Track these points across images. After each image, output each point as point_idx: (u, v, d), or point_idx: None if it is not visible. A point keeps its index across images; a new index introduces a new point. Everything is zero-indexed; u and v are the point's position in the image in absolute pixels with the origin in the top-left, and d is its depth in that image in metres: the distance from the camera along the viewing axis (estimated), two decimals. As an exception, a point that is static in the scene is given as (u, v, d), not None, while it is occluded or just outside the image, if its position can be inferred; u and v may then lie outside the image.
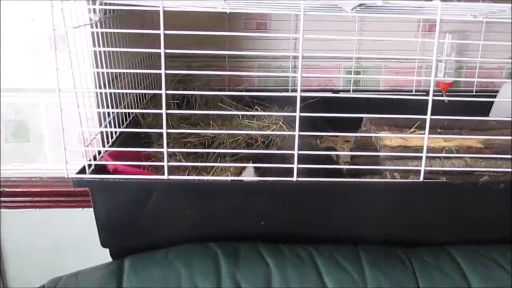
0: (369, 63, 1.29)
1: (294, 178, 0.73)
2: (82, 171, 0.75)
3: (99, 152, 0.80)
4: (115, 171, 0.77)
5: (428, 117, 0.73)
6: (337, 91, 1.27)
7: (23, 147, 0.95)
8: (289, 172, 0.73)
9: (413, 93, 1.28)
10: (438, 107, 0.74)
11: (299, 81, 0.70)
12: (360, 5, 0.72)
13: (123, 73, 0.93)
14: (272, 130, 1.07)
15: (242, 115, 1.10)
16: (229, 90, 1.25)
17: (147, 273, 0.70)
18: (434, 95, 0.71)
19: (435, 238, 0.81)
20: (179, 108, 1.13)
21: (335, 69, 1.29)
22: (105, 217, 0.77)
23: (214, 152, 0.98)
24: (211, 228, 0.79)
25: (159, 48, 0.68)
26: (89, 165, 0.76)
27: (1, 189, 0.96)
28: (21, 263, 1.05)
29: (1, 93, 0.93)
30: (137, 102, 1.02)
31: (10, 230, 1.02)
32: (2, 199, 0.98)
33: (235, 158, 1.03)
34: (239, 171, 0.87)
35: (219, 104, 1.14)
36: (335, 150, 1.09)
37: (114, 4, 0.79)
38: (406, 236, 0.81)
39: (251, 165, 0.81)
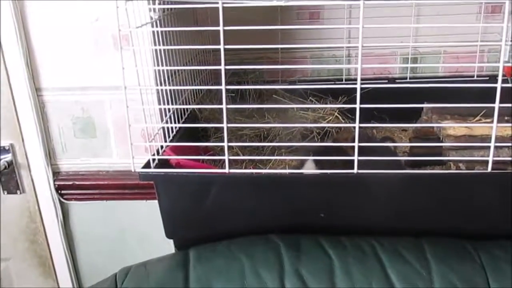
0: (427, 49, 1.24)
1: (355, 171, 0.72)
2: (147, 165, 0.79)
3: (161, 147, 0.83)
4: (178, 165, 0.80)
5: (496, 105, 0.69)
6: (394, 79, 1.24)
7: (90, 143, 1.01)
8: (346, 164, 0.72)
9: (475, 78, 1.22)
10: (504, 93, 0.70)
11: (359, 73, 0.69)
12: (422, -9, 0.70)
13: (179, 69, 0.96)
14: (328, 121, 1.06)
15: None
16: (282, 81, 1.25)
17: (212, 264, 0.73)
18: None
19: (504, 231, 0.78)
20: (234, 100, 1.14)
21: (391, 55, 1.25)
22: (170, 209, 0.81)
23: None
24: (271, 220, 0.80)
25: (215, 43, 0.69)
26: (153, 160, 0.79)
27: (72, 182, 1.02)
28: (90, 251, 1.11)
29: (65, 92, 0.98)
30: (194, 96, 1.05)
31: (80, 221, 1.08)
32: (73, 191, 1.04)
33: (291, 150, 1.03)
34: (298, 164, 0.87)
35: (273, 96, 1.14)
36: (392, 140, 1.07)
37: (173, 2, 0.81)
38: (472, 229, 0.78)
39: (311, 157, 0.81)
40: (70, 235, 1.09)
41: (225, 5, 0.68)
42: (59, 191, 1.04)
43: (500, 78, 0.68)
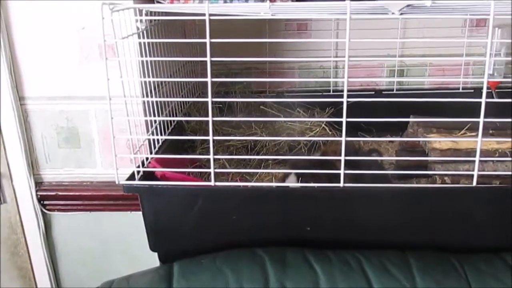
0: (413, 61, 1.26)
1: (341, 184, 0.72)
2: (132, 177, 0.77)
3: (147, 158, 0.82)
4: (163, 177, 0.79)
5: (481, 120, 0.70)
6: (380, 91, 1.25)
7: (74, 153, 0.99)
8: (331, 177, 0.72)
9: (460, 91, 1.23)
10: (488, 107, 0.71)
11: (345, 86, 0.69)
12: (408, 5, 0.70)
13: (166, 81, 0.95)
14: (315, 133, 1.06)
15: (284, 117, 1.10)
16: (270, 92, 1.25)
17: (196, 278, 0.72)
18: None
19: (489, 245, 0.79)
20: (221, 110, 1.14)
21: (378, 68, 1.26)
22: (154, 222, 0.79)
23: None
24: (257, 233, 0.79)
25: (202, 53, 0.69)
26: (138, 172, 0.78)
27: (55, 193, 1.01)
28: (73, 263, 1.09)
29: (49, 101, 0.97)
30: (181, 107, 1.04)
31: (63, 232, 1.06)
32: (56, 202, 1.02)
33: (278, 161, 1.03)
34: (283, 176, 0.87)
35: (261, 106, 1.14)
36: (378, 152, 1.07)
37: (160, 14, 0.81)
38: (458, 242, 0.79)
39: (294, 171, 0.81)
40: (52, 246, 1.07)
41: (212, 17, 0.68)
42: (42, 202, 1.02)
43: (484, 94, 0.68)
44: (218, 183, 0.74)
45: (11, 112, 0.96)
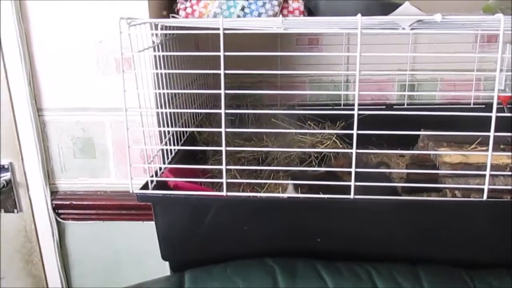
0: (424, 76, 1.26)
1: (351, 196, 0.73)
2: (145, 186, 0.79)
3: (160, 168, 0.84)
4: (176, 187, 0.80)
5: (491, 134, 0.70)
6: (391, 105, 1.26)
7: (89, 163, 1.01)
8: (341, 188, 0.73)
9: (472, 106, 1.23)
10: (499, 122, 0.71)
11: (356, 99, 0.70)
12: (418, 21, 0.72)
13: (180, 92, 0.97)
14: (326, 146, 1.07)
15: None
16: (281, 105, 1.26)
17: (207, 287, 0.72)
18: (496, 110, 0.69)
19: (500, 260, 0.78)
20: (233, 123, 1.16)
21: (389, 82, 1.27)
22: (166, 231, 0.81)
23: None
24: (268, 244, 0.80)
25: (215, 66, 0.71)
26: (151, 181, 0.80)
27: (70, 202, 1.03)
28: (85, 271, 1.11)
29: (66, 112, 0.99)
30: (193, 119, 1.06)
31: (76, 241, 1.08)
32: (70, 211, 1.04)
33: (288, 174, 1.03)
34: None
35: (272, 119, 1.15)
36: (387, 165, 1.08)
37: (175, 28, 0.83)
38: (468, 257, 0.78)
39: (302, 182, 0.82)
40: (66, 255, 1.09)
41: (226, 31, 0.70)
42: (56, 211, 1.04)
43: (494, 108, 0.69)
44: (230, 193, 0.75)
45: (29, 123, 0.98)
